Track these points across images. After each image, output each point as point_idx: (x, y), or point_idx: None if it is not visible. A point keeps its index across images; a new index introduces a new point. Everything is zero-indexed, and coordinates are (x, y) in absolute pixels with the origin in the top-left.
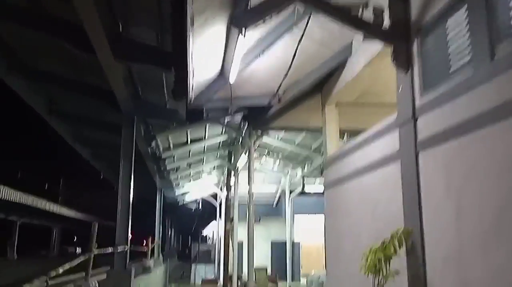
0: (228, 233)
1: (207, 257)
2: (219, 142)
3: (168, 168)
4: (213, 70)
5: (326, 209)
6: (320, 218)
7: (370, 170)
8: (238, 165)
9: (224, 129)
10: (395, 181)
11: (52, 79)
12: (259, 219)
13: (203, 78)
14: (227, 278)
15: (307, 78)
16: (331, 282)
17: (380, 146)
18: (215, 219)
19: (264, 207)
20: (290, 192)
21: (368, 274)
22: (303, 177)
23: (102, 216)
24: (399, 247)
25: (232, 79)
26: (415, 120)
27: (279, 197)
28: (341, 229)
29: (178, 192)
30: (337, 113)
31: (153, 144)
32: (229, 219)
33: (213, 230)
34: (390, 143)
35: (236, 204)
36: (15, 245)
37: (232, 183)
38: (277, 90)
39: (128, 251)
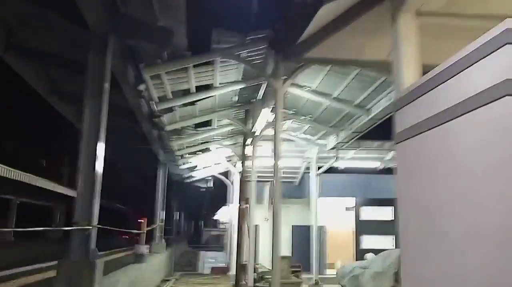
0: (243, 214)
1: (218, 243)
2: (235, 96)
3: (168, 128)
4: None
5: (401, 172)
6: (347, 201)
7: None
8: (256, 127)
9: (239, 71)
10: None
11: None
12: None
13: None
14: (240, 267)
15: None
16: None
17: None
18: (228, 201)
19: (284, 185)
20: (318, 168)
21: None
22: (335, 148)
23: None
24: None
25: None
26: None
27: (303, 174)
28: (435, 200)
29: (184, 167)
30: (417, 26)
31: (143, 88)
32: (244, 198)
33: (226, 212)
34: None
35: (253, 178)
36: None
37: (248, 152)
38: None
39: (95, 231)
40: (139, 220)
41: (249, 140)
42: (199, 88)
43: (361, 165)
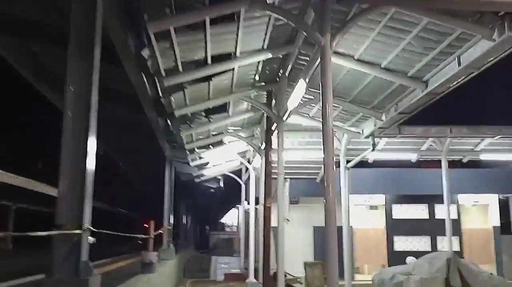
0: (269, 213)
1: (227, 247)
2: (255, 74)
3: (177, 114)
4: None
5: None
6: (375, 198)
7: None
8: (285, 108)
9: (263, 36)
10: None
11: None
12: (297, 200)
13: None
14: (267, 275)
15: None
16: None
17: None
18: (239, 202)
19: (304, 183)
20: (347, 162)
21: None
22: (373, 135)
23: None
24: None
25: None
26: None
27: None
28: None
29: (194, 163)
30: None
31: (146, 54)
32: (269, 193)
33: (235, 215)
34: None
35: (280, 172)
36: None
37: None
38: None
39: (86, 238)
40: (145, 224)
41: (274, 126)
42: (216, 59)
43: (394, 157)
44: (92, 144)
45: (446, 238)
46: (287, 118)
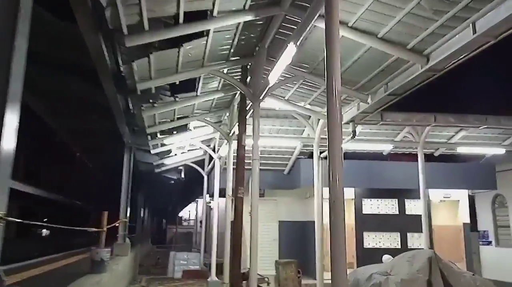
0: (241, 204)
1: (186, 242)
2: (234, 38)
3: (139, 88)
4: None
5: None
6: (348, 192)
7: None
8: (269, 80)
9: None
10: None
11: None
12: (263, 192)
13: None
14: (235, 275)
15: None
16: None
17: None
18: (201, 195)
19: (270, 174)
20: (320, 153)
21: None
22: (353, 121)
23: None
24: None
25: None
26: None
27: (295, 160)
28: None
29: (155, 151)
30: None
31: (104, 0)
32: (242, 182)
33: (195, 208)
34: None
35: (256, 155)
36: None
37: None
38: None
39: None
40: (98, 216)
41: (249, 105)
42: (189, 18)
43: (368, 148)
44: (11, 119)
45: (422, 235)
46: (264, 96)
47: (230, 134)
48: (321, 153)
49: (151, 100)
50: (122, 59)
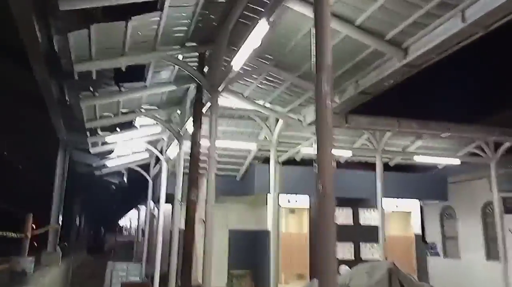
0: (194, 208)
1: (126, 252)
2: (192, 17)
3: (77, 70)
4: None
5: None
6: (303, 200)
7: None
8: (233, 66)
9: None
10: None
11: None
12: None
13: None
14: None
15: None
16: None
17: None
18: (144, 201)
19: (220, 180)
20: (277, 157)
21: None
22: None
23: None
24: None
25: None
26: None
27: (248, 165)
28: None
29: (95, 151)
30: None
31: None
32: (196, 184)
33: (136, 215)
34: None
35: (213, 154)
36: None
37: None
38: None
39: None
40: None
41: (206, 96)
42: None
43: None
44: None
45: (376, 245)
46: (224, 88)
47: (182, 133)
48: (278, 157)
49: (91, 88)
50: (56, 26)
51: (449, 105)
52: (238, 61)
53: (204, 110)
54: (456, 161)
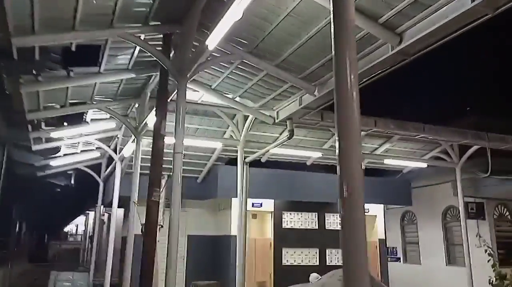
0: (156, 211)
1: (72, 260)
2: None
3: (16, 45)
4: None
5: None
6: (267, 204)
7: None
8: (207, 45)
9: None
10: None
11: None
12: (169, 203)
13: None
14: None
15: None
16: None
17: None
18: (94, 205)
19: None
20: (245, 158)
21: None
22: (291, 119)
23: None
24: None
25: None
26: None
27: (211, 166)
28: None
29: (38, 147)
30: None
31: None
32: (158, 183)
33: (84, 221)
34: None
35: (179, 149)
36: None
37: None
38: None
39: None
40: None
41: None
42: None
43: (296, 154)
44: None
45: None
46: (193, 74)
47: (139, 129)
48: (245, 157)
49: (34, 71)
50: None
51: (414, 107)
52: (215, 37)
53: (168, 100)
54: (423, 165)
